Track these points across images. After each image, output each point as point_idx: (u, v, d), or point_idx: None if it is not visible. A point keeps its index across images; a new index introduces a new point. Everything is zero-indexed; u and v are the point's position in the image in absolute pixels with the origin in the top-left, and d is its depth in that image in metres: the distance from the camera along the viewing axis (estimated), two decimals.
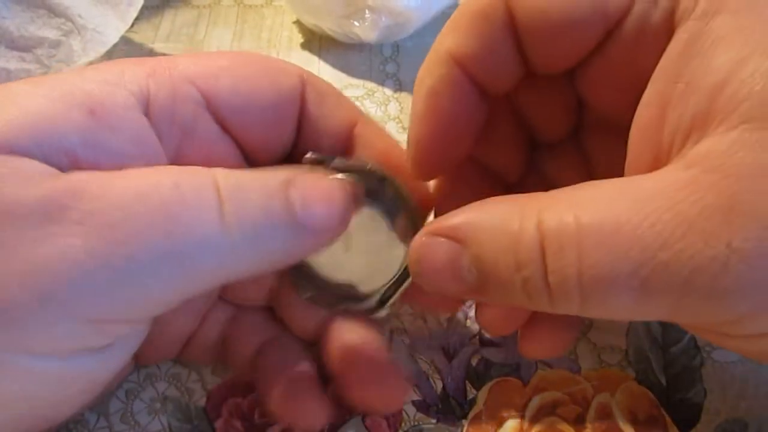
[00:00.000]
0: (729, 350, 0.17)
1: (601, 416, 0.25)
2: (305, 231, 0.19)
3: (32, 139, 0.17)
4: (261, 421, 0.25)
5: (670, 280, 0.15)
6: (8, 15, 0.37)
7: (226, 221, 0.17)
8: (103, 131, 0.18)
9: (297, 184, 0.19)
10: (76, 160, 0.18)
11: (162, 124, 0.19)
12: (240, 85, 0.20)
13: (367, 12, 0.35)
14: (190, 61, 0.20)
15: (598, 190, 0.16)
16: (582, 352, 0.27)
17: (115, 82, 0.19)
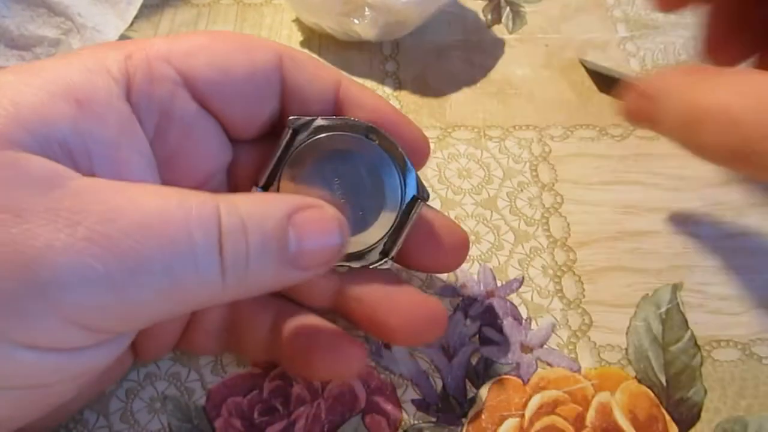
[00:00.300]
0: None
1: (601, 415, 0.25)
2: (296, 269, 0.19)
3: (28, 132, 0.17)
4: (261, 421, 0.25)
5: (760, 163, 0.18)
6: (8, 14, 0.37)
7: (224, 265, 0.18)
8: (90, 121, 0.18)
9: (297, 222, 0.19)
10: (69, 150, 0.18)
11: (141, 105, 0.20)
12: (216, 61, 0.20)
13: (367, 10, 0.35)
14: (165, 41, 0.20)
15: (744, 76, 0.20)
16: (582, 351, 0.27)
17: (96, 70, 0.19)
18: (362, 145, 0.22)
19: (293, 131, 0.22)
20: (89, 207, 0.16)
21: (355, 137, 0.22)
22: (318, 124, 0.22)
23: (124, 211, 0.17)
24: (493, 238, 0.30)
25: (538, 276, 0.29)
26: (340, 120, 0.22)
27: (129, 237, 0.16)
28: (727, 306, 0.28)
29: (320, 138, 0.22)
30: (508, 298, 0.28)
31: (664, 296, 0.28)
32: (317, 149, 0.22)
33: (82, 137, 0.18)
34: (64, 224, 0.16)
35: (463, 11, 0.40)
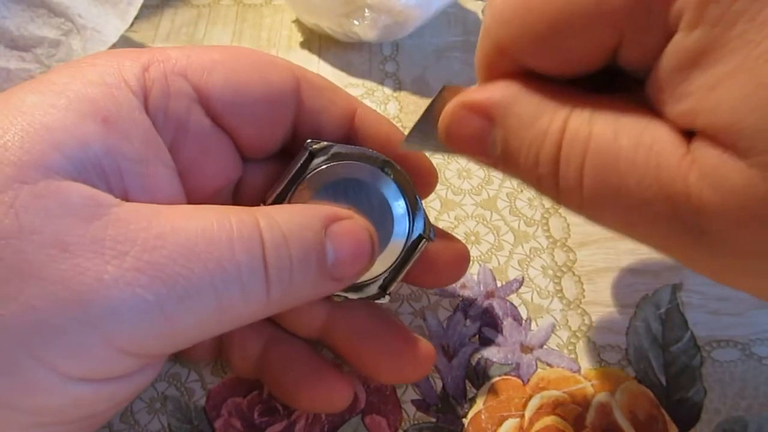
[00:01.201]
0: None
1: (601, 416, 0.25)
2: (333, 280, 0.20)
3: (65, 157, 0.17)
4: (261, 421, 0.25)
5: (650, 229, 0.16)
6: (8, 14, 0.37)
7: (269, 281, 0.18)
8: (118, 139, 0.18)
9: (333, 233, 0.19)
10: (103, 171, 0.18)
11: (157, 119, 0.19)
12: (232, 80, 0.20)
13: (367, 11, 0.35)
14: (182, 54, 0.20)
15: (623, 114, 0.17)
16: (582, 352, 0.27)
17: (116, 84, 0.19)
18: (376, 178, 0.22)
19: (310, 154, 0.22)
20: (134, 235, 0.16)
21: (370, 169, 0.22)
22: (335, 151, 0.22)
23: (168, 236, 0.17)
24: (492, 238, 0.30)
25: (538, 276, 0.29)
26: (357, 149, 0.22)
27: (176, 263, 0.16)
28: (726, 306, 0.28)
29: (336, 165, 0.22)
30: (508, 298, 0.28)
31: (664, 297, 0.28)
32: (332, 175, 0.22)
33: (113, 156, 0.18)
34: (111, 255, 0.16)
35: (463, 12, 0.40)
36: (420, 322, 0.27)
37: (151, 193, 0.19)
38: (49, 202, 0.16)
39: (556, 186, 0.17)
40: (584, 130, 0.16)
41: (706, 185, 0.14)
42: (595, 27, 0.16)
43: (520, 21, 0.17)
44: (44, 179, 0.16)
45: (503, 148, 0.18)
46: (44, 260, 0.16)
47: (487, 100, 0.18)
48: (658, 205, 0.15)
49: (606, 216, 0.17)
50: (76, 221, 0.16)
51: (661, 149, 0.15)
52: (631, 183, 0.15)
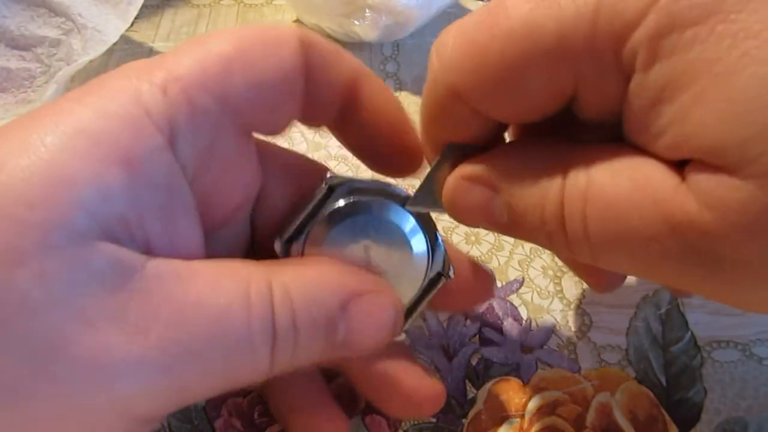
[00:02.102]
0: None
1: (601, 416, 0.25)
2: (341, 350, 0.19)
3: (90, 215, 0.16)
4: (261, 421, 0.25)
5: (660, 265, 0.16)
6: (8, 14, 0.37)
7: (274, 355, 0.18)
8: (142, 185, 0.17)
9: (351, 311, 0.19)
10: (126, 222, 0.17)
11: (183, 150, 0.18)
12: (251, 75, 0.19)
13: (368, 11, 0.35)
14: (195, 63, 0.19)
15: (615, 157, 0.17)
16: (582, 352, 0.27)
17: (138, 117, 0.17)
18: (396, 214, 0.21)
19: (329, 188, 0.21)
20: (157, 309, 0.16)
21: (390, 204, 0.21)
22: (356, 186, 0.21)
23: (191, 312, 0.17)
24: (493, 238, 0.30)
25: (538, 277, 0.29)
26: (377, 185, 0.21)
27: (197, 341, 0.17)
28: (727, 307, 0.28)
29: (357, 200, 0.21)
30: (508, 298, 0.28)
31: (664, 297, 0.28)
32: (351, 211, 0.21)
33: (136, 206, 0.17)
34: (135, 331, 0.16)
35: (463, 12, 0.40)
36: (420, 322, 0.27)
37: (171, 242, 0.18)
38: (76, 271, 0.16)
39: (567, 242, 0.17)
40: (582, 182, 0.17)
41: (706, 209, 0.14)
42: (552, 73, 0.16)
43: (475, 67, 0.17)
44: (70, 244, 0.16)
45: (509, 215, 0.18)
46: (71, 336, 0.15)
47: (487, 170, 0.19)
48: (664, 240, 0.15)
49: (620, 261, 0.17)
50: (102, 292, 0.16)
51: (656, 184, 0.15)
52: (634, 223, 0.16)
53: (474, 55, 0.17)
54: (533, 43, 0.16)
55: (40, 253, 0.15)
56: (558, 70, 0.16)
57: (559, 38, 0.16)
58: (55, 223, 0.16)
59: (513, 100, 0.17)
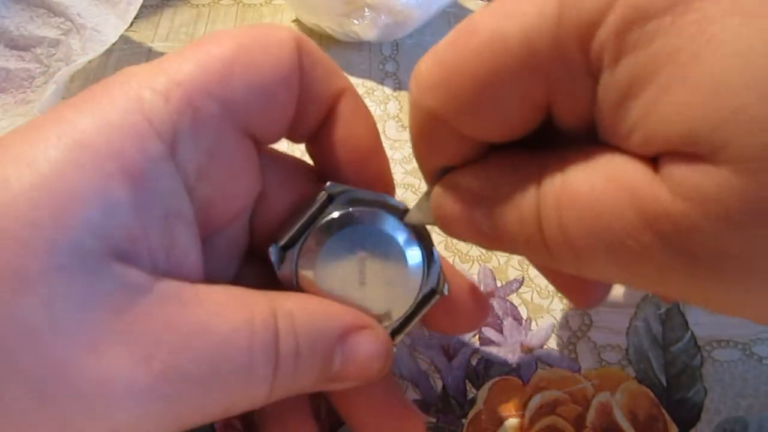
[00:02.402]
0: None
1: (601, 416, 0.25)
2: (333, 382, 0.20)
3: (95, 234, 0.16)
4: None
5: (641, 264, 0.15)
6: (7, 14, 0.37)
7: (273, 385, 0.18)
8: (145, 198, 0.17)
9: (347, 345, 0.19)
10: (132, 237, 0.17)
11: (185, 157, 0.18)
12: (251, 77, 0.19)
13: (367, 10, 0.35)
14: (196, 67, 0.18)
15: (588, 158, 0.16)
16: (582, 352, 0.27)
17: (139, 126, 0.17)
18: (394, 227, 0.21)
19: (328, 197, 0.21)
20: (162, 335, 0.16)
21: (388, 217, 0.21)
22: (354, 197, 0.21)
23: (195, 339, 0.17)
24: None
25: (538, 276, 0.29)
26: (377, 196, 0.21)
27: (199, 367, 0.17)
28: None
29: (353, 211, 0.21)
30: (508, 298, 0.28)
31: None
32: (349, 221, 0.21)
33: (141, 219, 0.17)
34: (140, 356, 0.16)
35: (463, 11, 0.40)
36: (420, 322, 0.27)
37: (170, 254, 0.18)
38: (82, 293, 0.15)
39: (547, 247, 0.17)
40: (557, 183, 0.16)
41: (680, 199, 0.14)
42: (524, 83, 0.16)
43: (448, 88, 0.17)
44: (77, 264, 0.15)
45: (491, 224, 0.18)
46: (75, 362, 0.15)
47: (467, 180, 0.19)
48: (640, 236, 0.15)
49: (601, 265, 0.16)
50: (108, 314, 0.16)
51: (630, 179, 0.15)
52: (611, 220, 0.15)
53: (446, 76, 0.17)
54: (501, 56, 0.16)
55: (45, 275, 0.15)
56: (529, 79, 0.16)
57: (525, 46, 0.16)
58: (60, 244, 0.15)
59: (490, 116, 0.17)
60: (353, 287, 0.21)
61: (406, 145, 0.33)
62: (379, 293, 0.21)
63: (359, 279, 0.21)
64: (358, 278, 0.21)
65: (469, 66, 0.17)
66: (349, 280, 0.21)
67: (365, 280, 0.21)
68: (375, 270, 0.21)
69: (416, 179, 0.32)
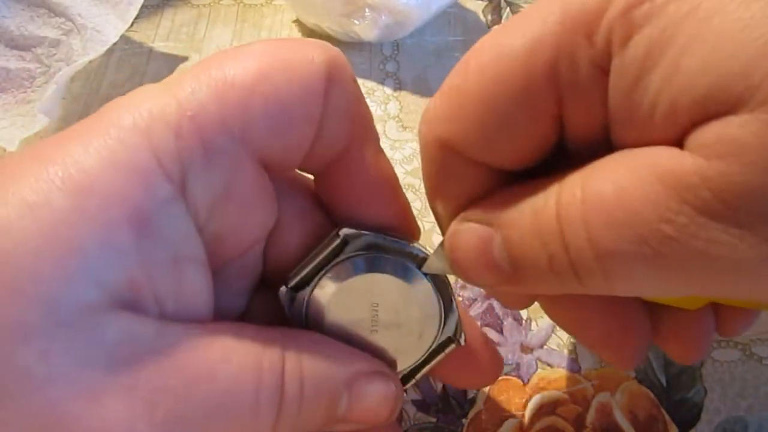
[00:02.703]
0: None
1: (601, 416, 0.25)
2: (338, 423, 0.19)
3: (99, 286, 0.15)
4: None
5: (685, 255, 0.13)
6: (8, 14, 0.37)
7: (276, 427, 0.18)
8: (152, 245, 0.16)
9: (355, 392, 0.19)
10: (136, 286, 0.16)
11: (197, 196, 0.17)
12: (270, 109, 0.17)
13: (367, 10, 0.35)
14: (212, 96, 0.17)
15: (608, 159, 0.15)
16: (582, 352, 0.27)
17: (148, 169, 0.16)
18: (410, 275, 0.20)
19: (342, 241, 0.20)
20: (168, 382, 0.16)
21: (406, 265, 0.20)
22: (370, 241, 0.20)
23: (203, 386, 0.16)
24: None
25: None
26: (395, 243, 0.20)
27: (204, 413, 0.16)
28: None
29: (370, 256, 0.20)
30: None
31: None
32: (364, 266, 0.20)
33: (146, 266, 0.16)
34: (143, 407, 0.15)
35: (464, 12, 0.40)
36: None
37: (178, 293, 0.17)
38: (82, 346, 0.15)
39: (572, 265, 0.15)
40: (578, 192, 0.15)
41: (717, 160, 0.12)
42: (533, 93, 0.16)
43: (456, 112, 0.17)
44: (79, 319, 0.15)
45: (508, 249, 0.17)
46: (75, 413, 0.15)
47: (482, 209, 0.18)
48: (679, 216, 0.13)
49: (637, 272, 0.15)
50: (111, 366, 0.15)
51: (658, 163, 0.14)
52: (642, 209, 0.14)
53: (453, 100, 0.17)
54: (507, 68, 0.16)
55: (45, 330, 0.15)
56: (538, 88, 0.16)
57: (531, 54, 0.15)
58: (62, 298, 0.15)
59: (504, 136, 0.17)
60: (365, 332, 0.20)
61: (406, 144, 0.33)
62: (391, 340, 0.21)
63: (371, 326, 0.20)
64: (370, 325, 0.20)
65: (475, 86, 0.16)
66: (360, 327, 0.20)
67: (377, 326, 0.20)
68: (388, 317, 0.20)
69: (416, 179, 0.32)
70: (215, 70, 0.17)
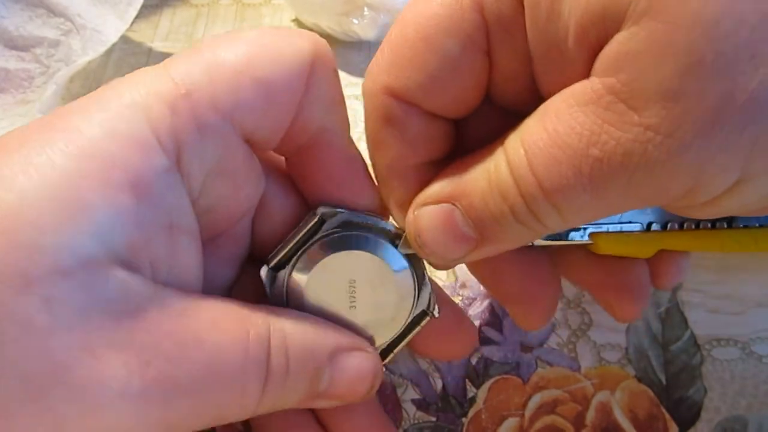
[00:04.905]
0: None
1: (601, 415, 0.25)
2: (320, 399, 0.20)
3: (99, 240, 0.16)
4: None
5: (610, 171, 0.16)
6: (7, 14, 0.37)
7: (262, 399, 0.18)
8: (149, 210, 0.17)
9: (337, 364, 0.20)
10: (134, 247, 0.17)
11: (191, 170, 0.18)
12: (257, 90, 0.18)
13: (366, 10, 0.35)
14: (205, 77, 0.18)
15: (538, 111, 0.17)
16: (582, 351, 0.27)
17: (145, 140, 0.17)
18: (385, 250, 0.21)
19: (319, 220, 0.21)
20: (158, 342, 0.16)
21: (380, 240, 0.21)
22: (347, 219, 0.21)
23: (191, 349, 0.17)
24: None
25: None
26: (370, 220, 0.21)
27: (194, 378, 0.17)
28: (726, 305, 0.28)
29: (345, 234, 0.21)
30: None
31: (664, 295, 0.28)
32: (340, 244, 0.21)
33: (144, 229, 0.17)
34: (137, 363, 0.16)
35: None
36: None
37: (171, 261, 0.18)
38: (83, 297, 0.16)
39: (529, 208, 0.17)
40: (519, 146, 0.17)
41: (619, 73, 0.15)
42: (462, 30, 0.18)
43: (396, 58, 0.18)
44: (81, 269, 0.16)
45: (473, 217, 0.18)
46: (71, 363, 0.15)
47: (437, 187, 0.19)
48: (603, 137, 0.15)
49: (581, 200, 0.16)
50: (108, 320, 0.16)
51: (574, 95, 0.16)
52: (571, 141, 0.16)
53: (394, 50, 0.18)
54: (437, 7, 0.18)
55: (48, 278, 0.15)
56: (467, 22, 0.18)
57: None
58: (65, 248, 0.15)
59: (442, 75, 0.18)
60: (343, 309, 0.21)
61: None
62: (369, 315, 0.21)
63: (349, 302, 0.21)
64: (348, 301, 0.21)
65: (413, 31, 0.18)
66: (339, 303, 0.21)
67: (355, 302, 0.21)
68: (365, 293, 0.21)
69: None
70: (208, 53, 0.18)
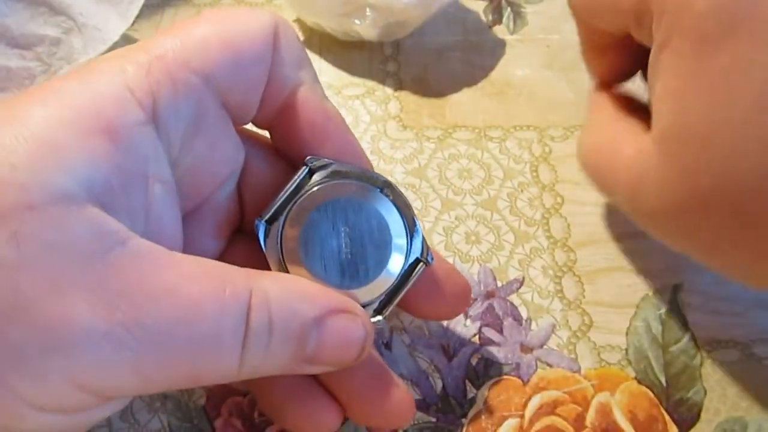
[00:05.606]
0: None
1: (601, 416, 0.25)
2: (307, 364, 0.19)
3: (73, 178, 0.16)
4: (261, 421, 0.25)
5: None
6: (9, 13, 0.37)
7: (243, 359, 0.18)
8: (124, 158, 0.17)
9: (324, 328, 0.19)
10: (111, 190, 0.17)
11: (168, 124, 0.19)
12: (226, 50, 0.20)
13: (368, 10, 0.35)
14: (176, 41, 0.19)
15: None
16: (582, 352, 0.27)
17: (121, 94, 0.18)
18: (375, 198, 0.22)
19: (309, 171, 0.21)
20: (128, 289, 0.16)
21: (369, 189, 0.22)
22: (335, 169, 0.22)
23: (162, 299, 0.17)
24: (493, 238, 0.30)
25: (539, 276, 0.29)
26: (358, 169, 0.22)
27: (163, 329, 0.16)
28: (727, 306, 0.28)
29: (334, 184, 0.22)
30: (508, 298, 0.28)
31: (664, 297, 0.28)
32: (329, 194, 0.21)
33: (121, 175, 0.17)
34: (102, 307, 0.16)
35: (464, 12, 0.40)
36: (420, 322, 0.27)
37: (147, 213, 0.18)
38: (52, 234, 0.16)
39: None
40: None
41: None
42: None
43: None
44: (52, 205, 0.16)
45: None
46: (35, 299, 0.15)
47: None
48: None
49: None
50: (76, 260, 0.16)
51: None
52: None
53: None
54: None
55: (18, 212, 0.15)
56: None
57: None
58: (37, 185, 0.16)
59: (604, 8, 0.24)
60: (336, 260, 0.21)
61: (406, 144, 0.33)
62: (362, 265, 0.21)
63: (342, 251, 0.21)
64: (342, 250, 0.21)
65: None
66: (332, 253, 0.21)
67: (349, 252, 0.21)
68: (357, 242, 0.21)
69: (416, 179, 0.32)
70: (177, 29, 0.20)
